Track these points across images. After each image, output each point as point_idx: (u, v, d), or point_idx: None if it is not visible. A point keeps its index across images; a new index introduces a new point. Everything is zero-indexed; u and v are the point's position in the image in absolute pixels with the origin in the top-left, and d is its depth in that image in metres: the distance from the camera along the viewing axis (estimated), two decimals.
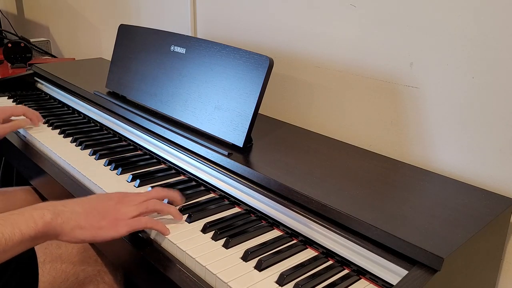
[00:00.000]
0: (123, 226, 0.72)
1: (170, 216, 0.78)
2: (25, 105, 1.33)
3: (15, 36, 2.13)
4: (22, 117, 1.16)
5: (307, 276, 0.65)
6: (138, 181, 0.90)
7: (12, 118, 1.15)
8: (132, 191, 0.86)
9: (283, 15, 1.17)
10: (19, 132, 1.18)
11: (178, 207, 0.81)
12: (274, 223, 0.78)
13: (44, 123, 1.21)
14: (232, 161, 0.86)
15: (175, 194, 0.81)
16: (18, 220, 0.63)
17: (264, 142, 0.96)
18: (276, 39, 1.20)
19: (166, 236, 0.73)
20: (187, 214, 0.79)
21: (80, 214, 0.69)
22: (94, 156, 1.01)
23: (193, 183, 0.92)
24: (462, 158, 0.89)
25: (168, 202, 0.81)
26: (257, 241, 0.73)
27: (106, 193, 0.77)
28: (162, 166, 0.99)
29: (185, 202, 0.84)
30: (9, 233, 0.61)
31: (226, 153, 0.88)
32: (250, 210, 0.82)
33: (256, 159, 0.87)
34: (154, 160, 1.01)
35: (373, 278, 0.66)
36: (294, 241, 0.74)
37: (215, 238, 0.73)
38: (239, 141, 0.90)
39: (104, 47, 1.99)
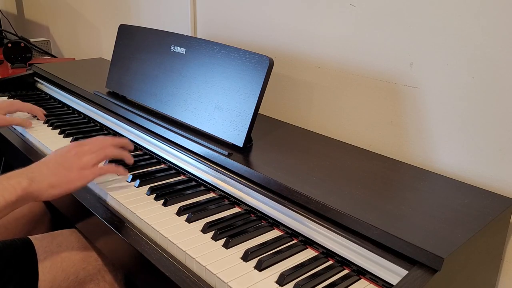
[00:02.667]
0: (88, 174, 0.81)
1: (168, 216, 0.78)
2: None
3: (15, 36, 2.13)
4: (28, 114, 1.25)
5: (307, 276, 0.65)
6: (138, 181, 0.90)
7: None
8: (132, 191, 0.87)
9: (283, 15, 1.17)
10: (19, 132, 1.18)
11: (178, 206, 0.81)
12: (274, 223, 0.78)
13: (44, 123, 1.21)
14: (232, 161, 0.86)
15: (125, 141, 0.92)
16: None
17: (264, 142, 0.96)
18: (276, 39, 1.20)
19: (166, 236, 0.73)
20: (187, 214, 0.79)
21: (48, 175, 0.77)
22: None
23: (193, 183, 0.92)
24: (462, 158, 0.89)
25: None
26: (257, 241, 0.73)
27: (62, 147, 0.85)
28: (162, 166, 0.99)
29: (185, 202, 0.84)
30: None
31: (226, 153, 0.88)
32: (250, 210, 0.82)
33: (256, 159, 0.87)
34: (154, 160, 1.01)
35: (373, 278, 0.66)
36: (294, 241, 0.74)
37: (215, 238, 0.73)
38: (239, 141, 0.90)
39: (104, 47, 1.99)
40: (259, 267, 0.67)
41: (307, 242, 0.73)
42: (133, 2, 1.73)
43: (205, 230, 0.75)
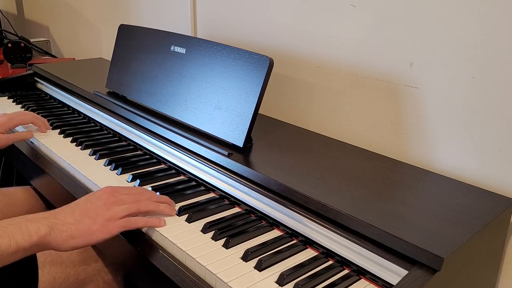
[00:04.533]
0: (113, 227, 0.73)
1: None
2: (25, 105, 1.33)
3: (15, 36, 2.13)
4: (30, 124, 1.15)
5: (307, 276, 0.65)
6: (138, 181, 0.90)
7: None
8: None
9: (283, 15, 1.17)
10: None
11: (178, 206, 0.81)
12: (274, 223, 0.78)
13: None
14: (232, 161, 0.86)
15: (167, 199, 0.80)
16: (14, 232, 0.65)
17: (264, 142, 0.95)
18: (276, 39, 1.20)
19: (166, 236, 0.73)
20: (187, 214, 0.79)
21: (71, 225, 0.70)
22: (94, 156, 1.01)
23: (193, 183, 0.92)
24: (462, 158, 0.89)
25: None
26: (257, 241, 0.73)
27: (95, 191, 0.77)
28: (162, 166, 0.99)
29: (185, 202, 0.84)
30: (5, 244, 0.64)
31: (226, 153, 0.88)
32: (250, 210, 0.82)
33: (256, 159, 0.87)
34: (154, 160, 1.01)
35: (373, 278, 0.66)
36: (294, 241, 0.74)
37: (215, 238, 0.73)
38: (239, 141, 0.90)
39: (104, 47, 1.99)
40: (259, 267, 0.67)
41: (307, 242, 0.73)
42: (133, 2, 1.73)
43: (205, 230, 0.75)
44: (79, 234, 0.70)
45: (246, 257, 0.69)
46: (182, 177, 0.94)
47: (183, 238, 0.73)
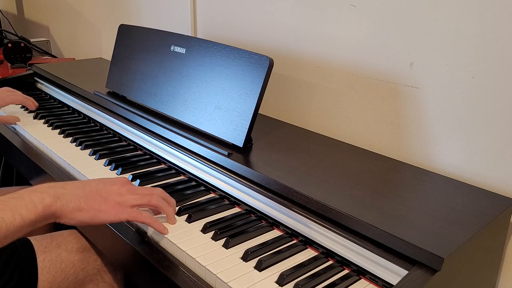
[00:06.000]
0: (123, 212, 0.71)
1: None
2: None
3: (15, 36, 2.13)
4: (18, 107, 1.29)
5: (307, 276, 0.65)
6: (138, 181, 0.90)
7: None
8: None
9: (283, 15, 1.17)
10: (20, 132, 1.18)
11: (178, 206, 0.81)
12: (274, 223, 0.78)
13: (44, 123, 1.21)
14: (232, 161, 0.86)
15: (172, 203, 0.79)
16: (18, 204, 0.62)
17: (264, 142, 0.95)
18: (276, 39, 1.20)
19: (166, 236, 0.73)
20: (187, 214, 0.79)
21: (80, 197, 0.68)
22: (94, 156, 1.01)
23: (193, 183, 0.91)
24: (462, 158, 0.89)
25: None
26: (257, 241, 0.73)
27: (109, 178, 0.77)
28: (162, 166, 0.99)
29: (185, 202, 0.84)
30: (10, 218, 0.60)
31: (226, 153, 0.88)
32: (250, 210, 0.82)
33: (256, 159, 0.87)
34: (154, 160, 1.01)
35: (373, 278, 0.66)
36: (294, 241, 0.74)
37: (215, 238, 0.73)
38: (239, 141, 0.90)
39: (104, 47, 1.99)
40: (259, 267, 0.67)
41: (307, 242, 0.73)
42: (133, 2, 1.73)
43: (205, 230, 0.75)
44: (87, 207, 0.68)
45: (246, 257, 0.68)
46: (182, 177, 0.94)
47: (183, 238, 0.73)
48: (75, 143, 1.08)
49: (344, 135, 1.09)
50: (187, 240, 0.72)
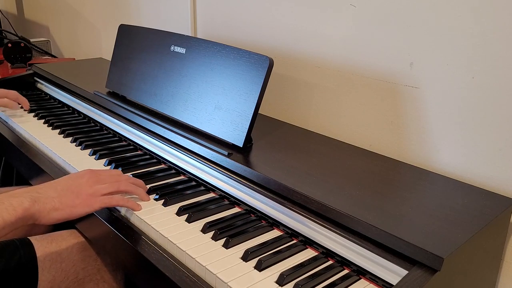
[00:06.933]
0: (96, 202, 0.78)
1: (168, 216, 0.78)
2: None
3: (15, 36, 2.13)
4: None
5: (307, 276, 0.65)
6: None
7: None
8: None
9: (283, 15, 1.17)
10: (19, 132, 1.18)
11: (178, 206, 0.81)
12: (274, 223, 0.78)
13: (44, 123, 1.21)
14: (232, 161, 0.86)
15: (141, 184, 0.86)
16: None
17: (264, 142, 0.96)
18: (276, 39, 1.20)
19: (166, 236, 0.73)
20: (187, 214, 0.79)
21: (54, 198, 0.75)
22: (94, 156, 1.01)
23: (193, 183, 0.92)
24: (462, 158, 0.89)
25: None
26: (257, 241, 0.73)
27: (76, 172, 0.83)
28: (162, 166, 0.99)
29: (185, 202, 0.84)
30: None
31: (226, 153, 0.88)
32: (250, 210, 0.82)
33: (256, 159, 0.87)
34: (154, 160, 1.01)
35: (373, 278, 0.66)
36: (294, 241, 0.74)
37: (215, 238, 0.73)
38: (239, 141, 0.90)
39: (104, 47, 1.99)
40: (259, 267, 0.67)
41: (307, 242, 0.73)
42: (133, 2, 1.73)
43: (205, 230, 0.75)
44: (61, 207, 0.75)
45: (246, 257, 0.69)
46: (182, 177, 0.94)
47: (183, 238, 0.73)
48: (75, 143, 1.08)
49: (344, 135, 1.09)
50: (187, 240, 0.72)
